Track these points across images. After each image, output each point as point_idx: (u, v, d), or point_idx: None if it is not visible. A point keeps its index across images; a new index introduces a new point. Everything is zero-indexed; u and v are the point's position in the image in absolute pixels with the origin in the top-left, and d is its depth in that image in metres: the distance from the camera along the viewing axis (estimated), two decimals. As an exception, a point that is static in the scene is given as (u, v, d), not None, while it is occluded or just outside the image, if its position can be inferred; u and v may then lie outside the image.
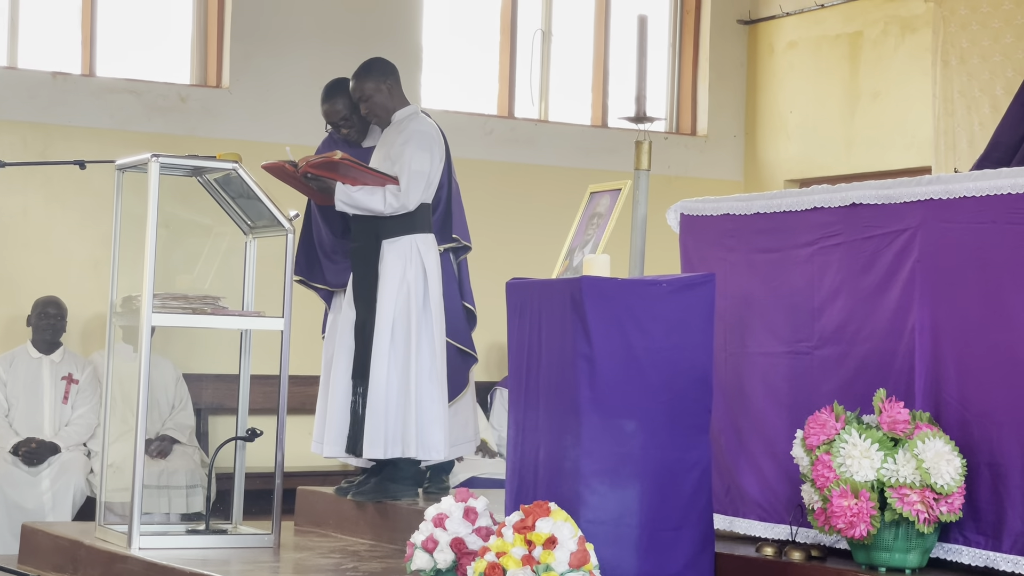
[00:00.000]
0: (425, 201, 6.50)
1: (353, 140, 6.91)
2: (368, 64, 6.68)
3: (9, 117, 8.61)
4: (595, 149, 10.19)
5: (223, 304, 6.22)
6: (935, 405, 4.72)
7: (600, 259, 4.98)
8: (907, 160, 9.58)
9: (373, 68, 6.66)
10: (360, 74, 6.65)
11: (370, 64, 6.68)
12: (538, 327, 4.98)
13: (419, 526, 5.02)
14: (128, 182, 6.38)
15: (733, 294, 5.36)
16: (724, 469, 5.33)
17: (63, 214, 8.66)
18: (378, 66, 6.67)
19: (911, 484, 4.52)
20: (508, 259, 9.15)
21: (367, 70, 6.65)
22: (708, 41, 10.67)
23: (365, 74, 6.64)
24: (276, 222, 6.25)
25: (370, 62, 6.70)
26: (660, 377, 4.79)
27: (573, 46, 10.45)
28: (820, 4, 10.19)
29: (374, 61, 6.71)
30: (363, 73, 6.64)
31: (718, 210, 5.50)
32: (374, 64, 6.68)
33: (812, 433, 4.69)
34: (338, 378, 6.54)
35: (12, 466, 7.91)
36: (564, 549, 4.52)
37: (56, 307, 8.29)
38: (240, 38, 9.17)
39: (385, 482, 6.53)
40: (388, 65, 6.69)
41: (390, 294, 6.42)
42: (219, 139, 8.86)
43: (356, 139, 6.91)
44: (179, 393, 8.50)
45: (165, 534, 6.27)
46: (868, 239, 4.94)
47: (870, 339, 4.92)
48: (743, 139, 10.79)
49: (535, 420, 4.97)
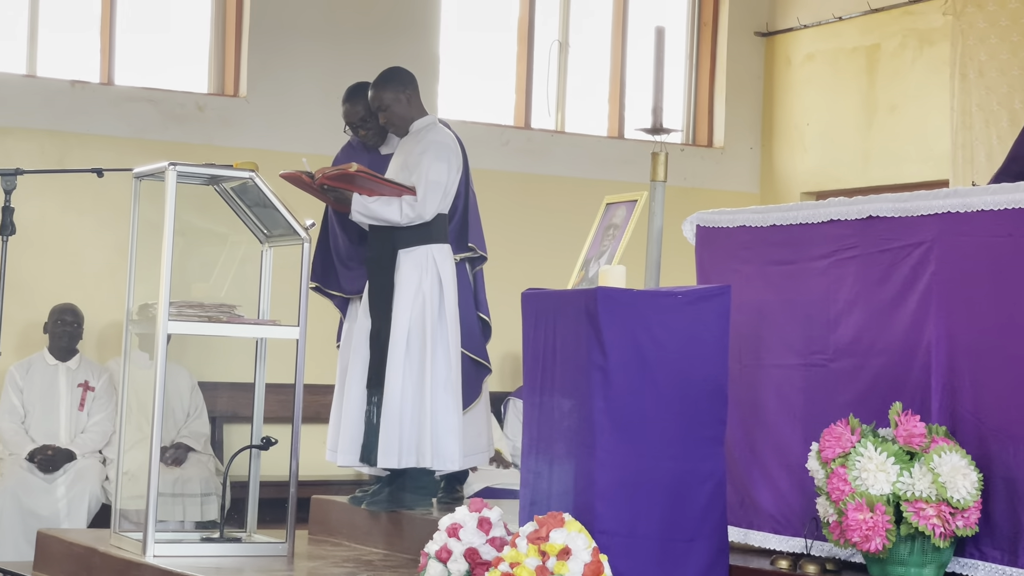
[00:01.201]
0: (442, 211, 6.50)
1: (371, 144, 6.92)
2: (387, 74, 6.68)
3: (27, 125, 8.64)
4: (611, 160, 10.19)
5: (239, 312, 6.23)
6: (951, 419, 4.71)
7: (616, 270, 4.98)
8: (924, 173, 9.56)
9: (392, 78, 6.66)
10: (379, 84, 6.65)
11: (389, 74, 6.68)
12: (553, 337, 4.98)
13: (433, 536, 5.02)
14: (145, 190, 6.39)
15: (748, 306, 5.36)
16: (738, 481, 5.32)
17: (80, 222, 8.68)
18: (397, 76, 6.67)
19: (927, 498, 4.51)
20: (524, 269, 9.16)
21: (386, 80, 6.65)
22: (725, 53, 10.66)
23: (384, 84, 6.64)
24: (292, 231, 6.26)
25: (389, 71, 6.70)
26: (674, 388, 4.79)
27: (590, 57, 10.45)
28: (838, 16, 10.19)
29: (393, 71, 6.71)
30: (382, 83, 6.65)
31: (734, 222, 5.50)
32: (393, 74, 6.68)
33: (827, 446, 4.68)
34: (353, 387, 6.55)
35: (28, 473, 7.93)
36: (578, 560, 4.51)
37: (73, 314, 8.31)
38: (257, 48, 9.19)
39: (399, 492, 6.53)
40: (407, 75, 6.69)
41: (406, 304, 6.42)
42: (236, 148, 8.88)
43: (374, 143, 6.92)
44: (194, 401, 8.51)
45: (180, 542, 6.27)
46: (884, 252, 4.93)
47: (885, 352, 4.91)
48: (759, 151, 10.78)
49: (549, 431, 4.96)
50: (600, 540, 4.63)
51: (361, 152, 6.94)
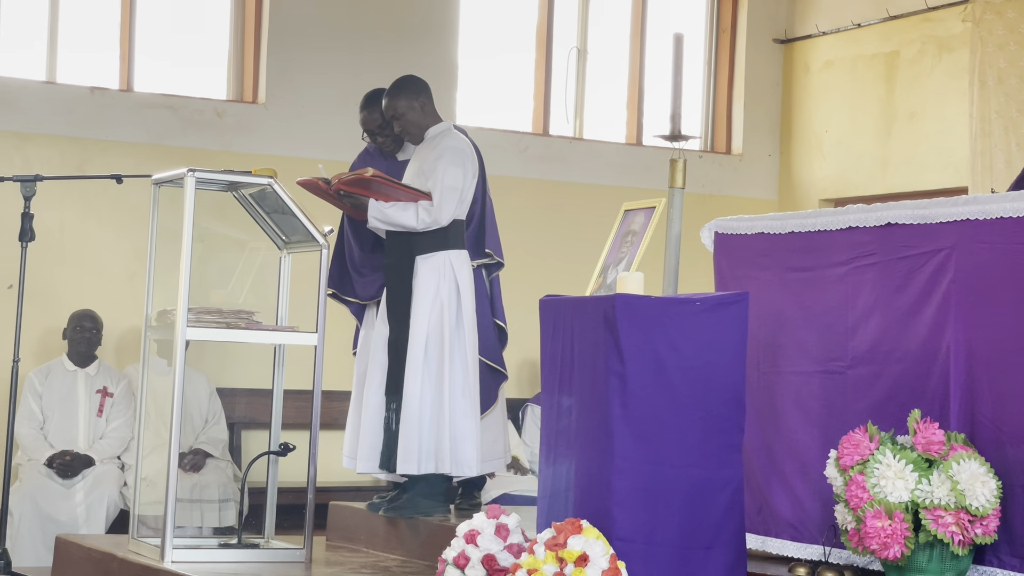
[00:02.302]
0: (458, 217, 6.51)
1: (388, 150, 6.94)
2: (400, 82, 6.69)
3: (47, 131, 8.67)
4: (630, 167, 10.19)
5: (257, 319, 6.24)
6: (970, 426, 4.70)
7: (634, 277, 4.98)
8: (943, 180, 9.55)
9: (405, 86, 6.66)
10: (392, 92, 6.65)
11: (402, 82, 6.69)
12: (571, 344, 4.98)
13: (451, 542, 5.02)
14: (164, 196, 6.41)
15: (766, 313, 5.35)
16: (756, 488, 5.31)
17: (99, 228, 8.71)
18: (410, 84, 6.67)
19: (946, 505, 4.50)
20: (541, 276, 9.16)
21: (399, 88, 6.65)
22: (744, 60, 10.66)
23: (397, 92, 6.64)
24: (311, 237, 6.27)
25: (402, 80, 6.71)
26: (692, 395, 4.79)
27: (608, 64, 10.46)
28: (856, 23, 10.17)
29: (406, 79, 6.71)
30: (395, 91, 6.65)
31: (752, 229, 5.49)
32: (406, 82, 6.69)
33: (845, 453, 4.67)
34: (371, 394, 6.55)
35: (46, 478, 7.95)
36: (595, 567, 4.51)
37: (92, 320, 8.34)
38: (276, 54, 9.21)
39: (417, 498, 6.53)
40: (420, 82, 6.69)
41: (424, 310, 6.43)
42: (254, 154, 8.90)
43: (391, 149, 6.93)
44: (212, 407, 8.53)
45: (198, 548, 6.28)
46: (903, 259, 4.92)
47: (904, 359, 4.90)
48: (778, 158, 10.77)
49: (567, 437, 4.96)
50: (618, 547, 4.62)
51: (378, 158, 6.95)
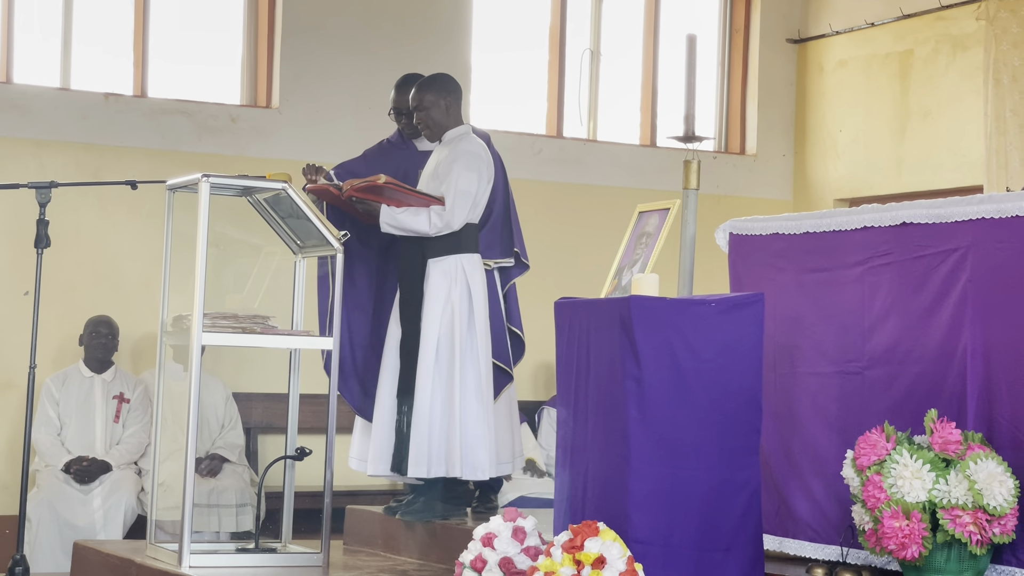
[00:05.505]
0: (471, 221, 6.51)
1: (408, 134, 6.95)
2: (434, 76, 6.71)
3: (62, 138, 8.69)
4: (644, 169, 10.18)
5: (273, 323, 6.25)
6: (987, 425, 4.69)
7: (649, 278, 4.98)
8: (958, 180, 9.52)
9: (437, 81, 6.68)
10: (424, 84, 6.66)
11: (435, 77, 6.71)
12: (586, 347, 4.98)
13: (468, 545, 5.02)
14: (179, 202, 6.42)
15: (782, 314, 5.34)
16: (774, 489, 5.30)
17: (115, 234, 8.73)
18: (442, 81, 6.69)
19: (963, 505, 4.49)
20: (556, 278, 9.16)
21: (432, 81, 6.67)
22: (757, 60, 10.64)
23: (428, 85, 6.65)
24: (325, 241, 6.27)
25: (437, 75, 6.73)
26: (709, 397, 4.78)
27: (622, 65, 10.45)
28: (870, 23, 10.15)
29: (441, 75, 6.73)
30: (427, 84, 6.66)
31: (767, 229, 5.48)
32: (440, 78, 6.71)
33: (862, 453, 4.67)
34: (383, 396, 6.56)
35: (64, 484, 7.96)
36: (613, 569, 4.51)
37: (108, 326, 8.35)
38: (290, 59, 9.22)
39: (433, 501, 6.53)
40: (452, 83, 6.70)
41: (435, 313, 6.43)
42: (269, 159, 8.91)
43: (411, 133, 6.94)
44: (229, 412, 8.54)
45: (215, 552, 6.29)
46: (919, 259, 4.91)
47: (921, 359, 4.89)
48: (792, 158, 10.75)
49: (584, 440, 4.96)
50: (635, 549, 4.62)
51: (396, 149, 6.98)
